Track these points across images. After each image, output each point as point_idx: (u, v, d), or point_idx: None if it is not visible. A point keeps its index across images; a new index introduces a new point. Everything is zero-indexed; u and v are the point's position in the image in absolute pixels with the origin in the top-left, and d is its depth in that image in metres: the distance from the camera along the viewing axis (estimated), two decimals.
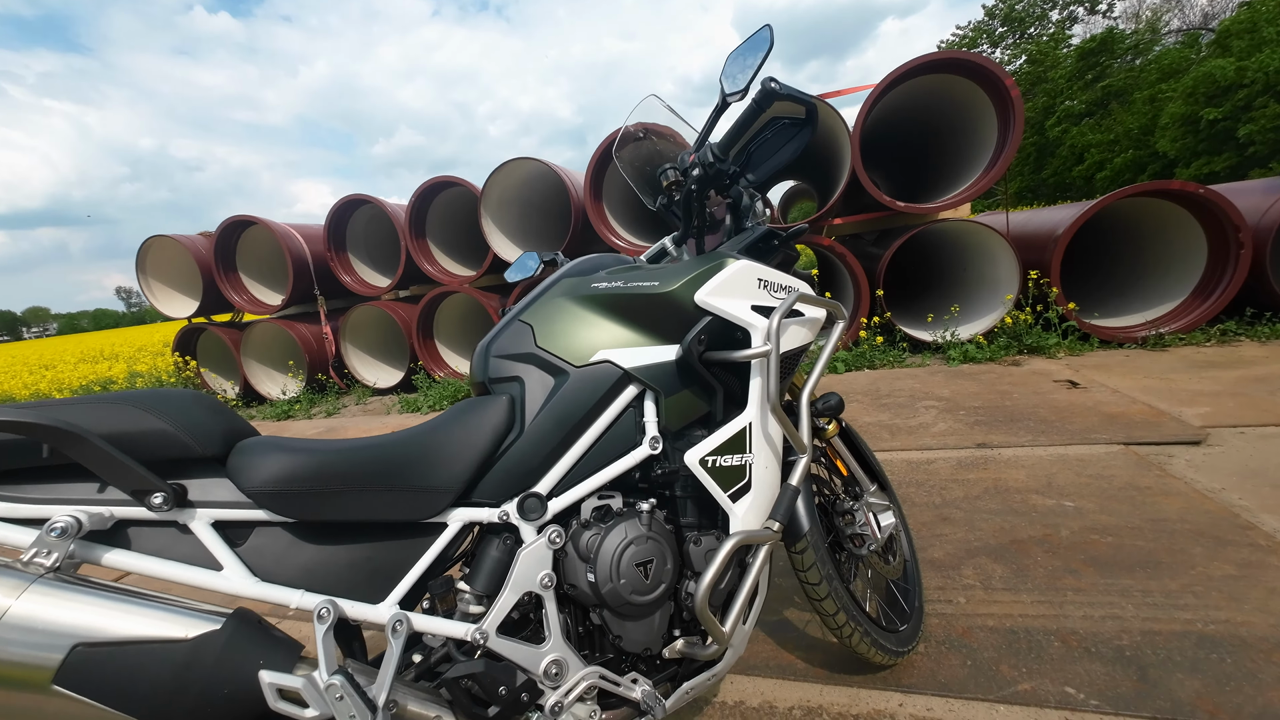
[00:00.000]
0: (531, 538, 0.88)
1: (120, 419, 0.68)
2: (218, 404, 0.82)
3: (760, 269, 1.01)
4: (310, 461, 0.76)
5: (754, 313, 0.96)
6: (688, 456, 0.90)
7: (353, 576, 0.78)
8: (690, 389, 0.96)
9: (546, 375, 0.92)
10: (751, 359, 0.92)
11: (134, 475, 0.67)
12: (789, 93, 0.95)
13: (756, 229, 1.13)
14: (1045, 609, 1.41)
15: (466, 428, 0.88)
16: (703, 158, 1.03)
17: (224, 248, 5.83)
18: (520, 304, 1.01)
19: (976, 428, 2.62)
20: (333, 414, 5.18)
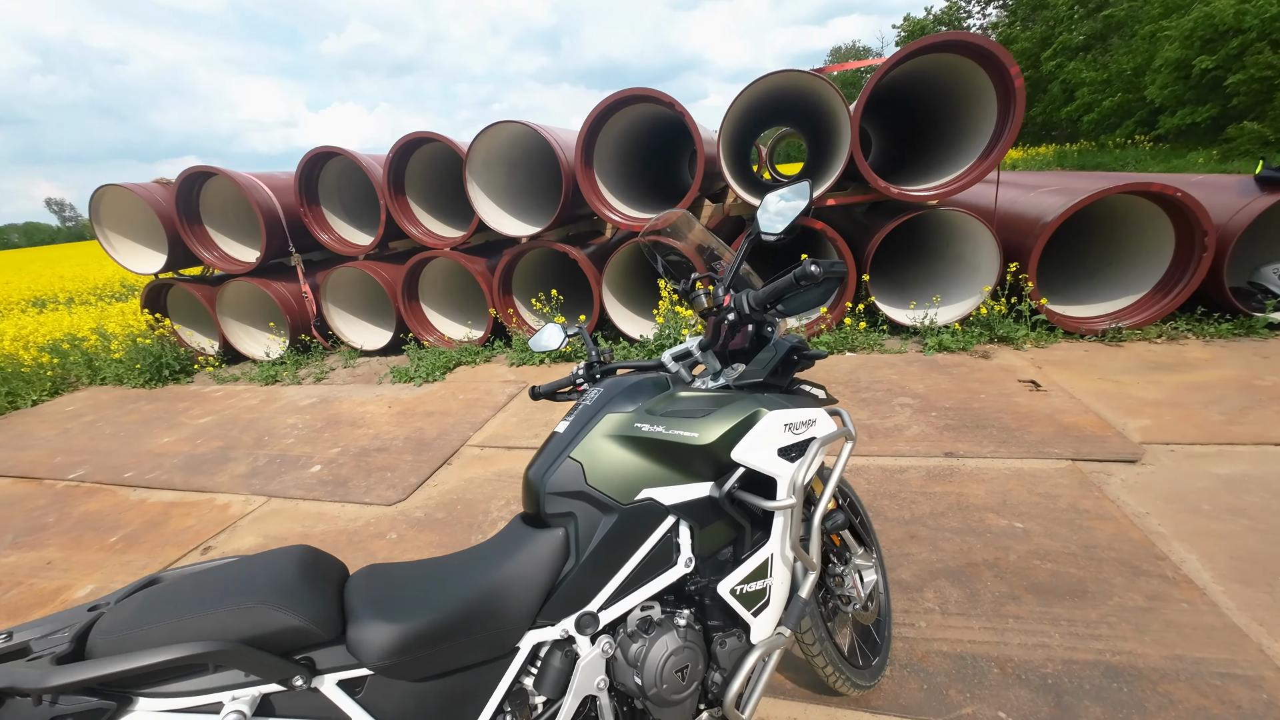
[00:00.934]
0: (588, 649, 1.06)
1: (262, 622, 0.80)
2: (323, 572, 0.94)
3: (787, 414, 1.13)
4: (412, 630, 0.89)
5: (780, 460, 1.10)
6: (720, 587, 1.08)
7: (452, 704, 0.95)
8: (720, 521, 1.11)
9: (597, 511, 1.06)
10: (777, 510, 1.07)
11: (280, 669, 0.80)
12: (827, 274, 1.03)
13: (780, 347, 1.24)
14: (990, 635, 1.70)
15: (531, 565, 1.02)
16: (739, 306, 1.12)
17: (186, 200, 5.49)
18: (569, 433, 1.11)
19: (946, 433, 2.87)
20: (321, 378, 5.19)
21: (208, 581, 0.88)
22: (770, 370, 1.20)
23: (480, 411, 3.95)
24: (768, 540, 1.12)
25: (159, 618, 0.78)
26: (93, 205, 5.59)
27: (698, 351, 1.32)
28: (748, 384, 1.20)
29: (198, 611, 0.79)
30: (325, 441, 3.78)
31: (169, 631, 0.76)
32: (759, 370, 1.20)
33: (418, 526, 2.68)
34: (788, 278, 1.05)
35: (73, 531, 3.03)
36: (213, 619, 0.78)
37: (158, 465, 3.73)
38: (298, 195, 5.40)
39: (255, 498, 3.16)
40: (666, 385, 1.19)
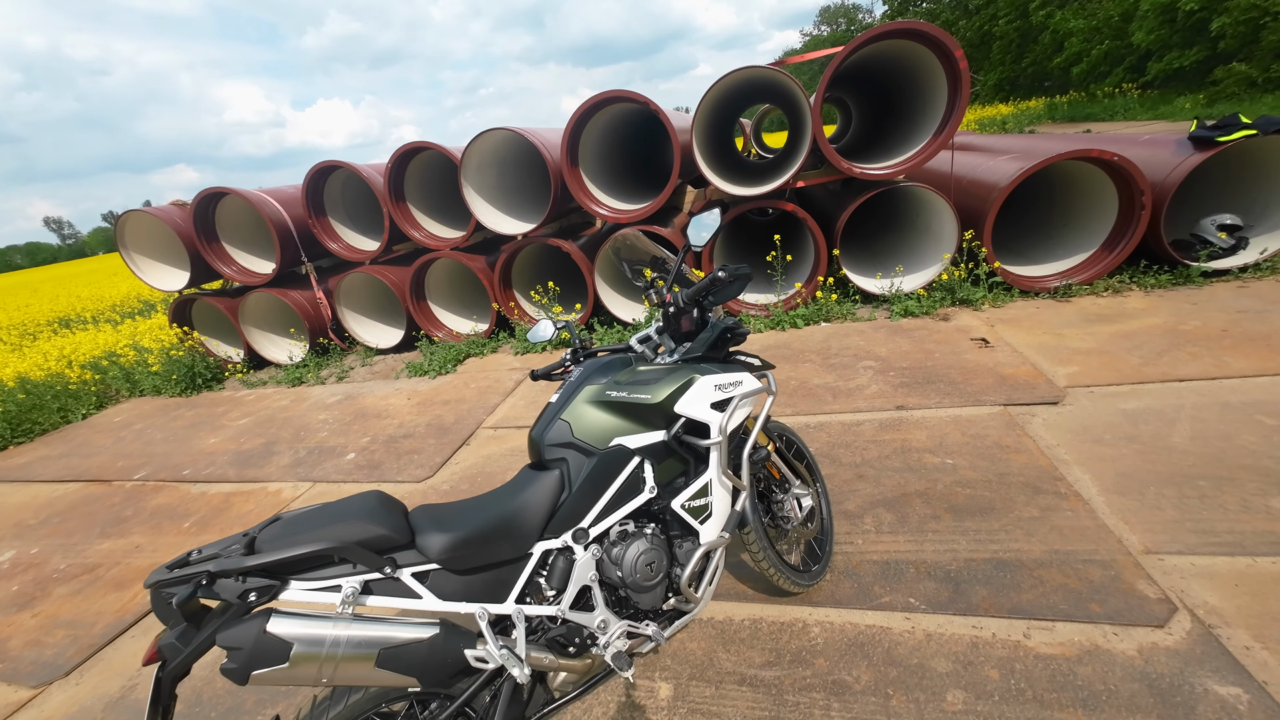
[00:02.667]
0: (582, 554, 1.49)
1: (365, 530, 1.23)
2: (393, 506, 1.37)
3: (716, 378, 1.54)
4: (460, 536, 1.32)
5: (712, 410, 1.51)
6: (674, 503, 1.50)
7: (488, 589, 1.38)
8: (673, 458, 1.53)
9: (582, 456, 1.48)
10: (709, 446, 1.49)
11: (376, 561, 1.23)
12: (733, 277, 1.42)
13: (715, 328, 1.65)
14: (911, 546, 2.12)
15: (537, 496, 1.44)
16: (676, 300, 1.52)
17: (203, 219, 5.88)
18: (559, 402, 1.52)
19: (900, 390, 3.27)
20: (343, 377, 5.64)
21: (321, 513, 1.30)
22: (708, 346, 1.60)
23: (491, 397, 4.38)
24: (707, 469, 1.53)
25: (298, 531, 1.21)
26: (118, 231, 6.00)
27: (657, 336, 1.72)
28: (692, 358, 1.61)
29: (324, 526, 1.22)
30: (356, 432, 4.23)
31: (310, 538, 1.19)
32: (699, 347, 1.60)
33: (446, 496, 3.13)
34: (704, 281, 1.44)
35: (150, 521, 3.52)
36: (334, 530, 1.21)
37: (211, 463, 4.20)
38: (305, 208, 5.77)
39: (302, 483, 3.62)
40: (630, 362, 1.59)
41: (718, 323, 1.67)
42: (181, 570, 1.12)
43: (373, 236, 6.27)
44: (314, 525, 1.24)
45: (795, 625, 1.89)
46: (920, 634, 1.78)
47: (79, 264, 62.89)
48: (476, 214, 5.18)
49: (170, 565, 1.17)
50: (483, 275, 5.44)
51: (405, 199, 5.60)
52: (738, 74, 4.29)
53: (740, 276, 1.44)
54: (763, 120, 14.90)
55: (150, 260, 6.34)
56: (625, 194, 5.64)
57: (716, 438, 1.49)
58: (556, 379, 1.87)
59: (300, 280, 6.21)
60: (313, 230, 5.87)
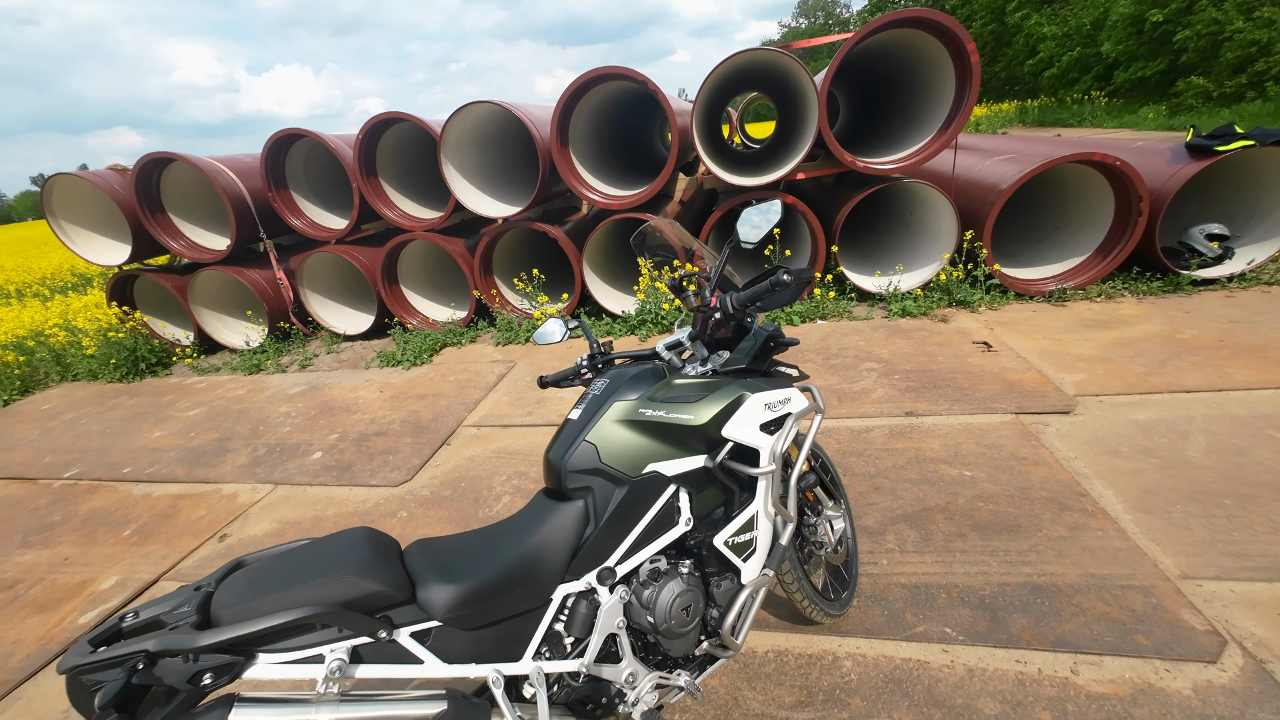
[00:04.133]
0: (608, 597, 1.28)
1: (352, 588, 0.99)
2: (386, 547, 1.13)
3: (766, 396, 1.35)
4: (470, 589, 1.09)
5: (762, 434, 1.32)
6: (715, 540, 1.31)
7: (501, 646, 1.17)
8: (714, 486, 1.33)
9: (610, 485, 1.27)
10: (760, 475, 1.30)
11: (368, 625, 1.00)
12: (797, 280, 1.22)
13: (759, 336, 1.45)
14: (939, 567, 2.00)
15: (558, 532, 1.23)
16: (724, 306, 1.31)
17: (146, 188, 5.32)
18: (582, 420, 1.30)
19: (907, 394, 3.17)
20: (306, 365, 5.23)
21: (296, 561, 1.06)
22: (751, 357, 1.40)
23: (472, 392, 4.10)
24: (753, 500, 1.34)
25: (267, 590, 0.96)
26: (45, 196, 5.37)
27: (688, 342, 1.52)
28: (732, 370, 1.41)
29: (300, 584, 0.97)
30: (322, 428, 3.89)
31: (281, 600, 0.94)
32: (741, 358, 1.40)
33: (426, 504, 2.87)
34: (764, 284, 1.24)
35: (83, 528, 3.12)
36: (313, 589, 0.97)
37: (155, 460, 3.79)
38: (265, 180, 5.29)
39: (262, 485, 3.29)
40: (663, 374, 1.38)
41: (760, 330, 1.47)
42: (110, 651, 0.86)
43: (340, 214, 5.82)
44: (287, 578, 1.00)
45: (825, 658, 1.74)
46: (961, 669, 1.65)
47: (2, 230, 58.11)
48: (456, 193, 4.83)
49: (94, 638, 0.91)
50: (461, 260, 5.10)
51: (377, 174, 5.19)
52: (744, 55, 4.07)
53: (803, 280, 1.25)
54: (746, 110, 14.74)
55: (84, 231, 5.72)
56: (615, 179, 5.38)
57: (768, 465, 1.30)
58: (570, 386, 1.65)
59: (258, 259, 5.71)
60: (272, 205, 5.39)
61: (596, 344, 1.64)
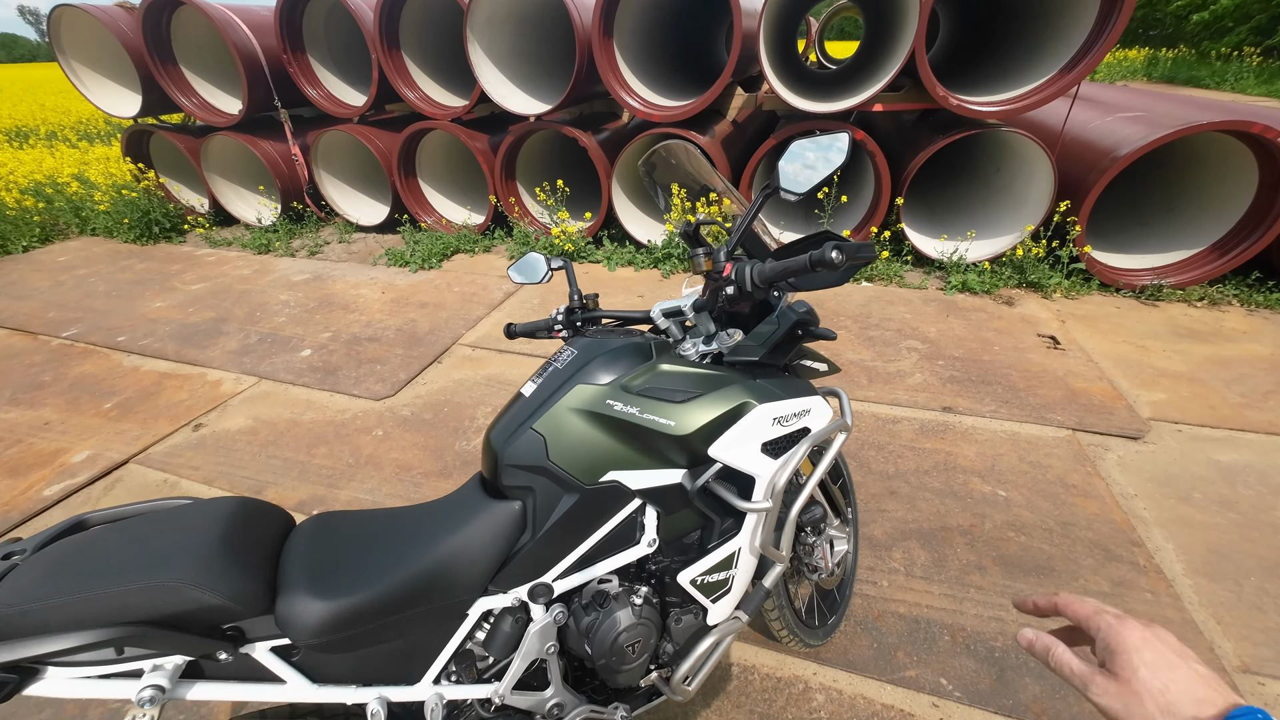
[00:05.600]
0: (540, 615, 1.05)
1: (178, 600, 0.75)
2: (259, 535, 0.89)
3: (779, 407, 1.02)
4: (348, 608, 0.85)
5: (762, 457, 1.00)
6: (681, 577, 1.04)
7: (394, 666, 0.95)
8: (687, 510, 1.04)
9: (557, 488, 0.99)
10: (750, 511, 0.99)
11: (198, 645, 0.77)
12: (852, 260, 0.84)
13: (784, 320, 1.10)
14: (948, 602, 1.74)
15: (484, 536, 0.97)
16: (740, 279, 0.95)
17: (154, 33, 4.88)
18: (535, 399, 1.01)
19: (949, 385, 2.77)
20: (315, 253, 5.01)
21: (129, 543, 0.82)
22: (770, 347, 1.06)
23: (475, 308, 3.83)
24: (737, 534, 1.06)
25: (68, 590, 0.73)
26: (52, 31, 4.99)
27: (691, 313, 1.17)
28: (741, 360, 1.07)
29: (108, 587, 0.74)
30: (317, 324, 3.71)
31: (75, 612, 0.71)
32: (756, 346, 1.06)
33: (404, 426, 2.70)
34: (802, 260, 0.86)
35: (69, 393, 3.08)
36: (123, 598, 0.73)
37: (151, 331, 3.71)
38: (279, 39, 4.78)
39: (246, 377, 3.16)
40: (649, 353, 1.05)
41: (787, 311, 1.11)
42: None
43: (359, 89, 5.33)
44: (101, 572, 0.76)
45: (795, 685, 1.54)
46: None
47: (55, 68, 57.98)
48: (482, 82, 4.28)
49: None
50: (483, 159, 4.64)
51: (400, 47, 4.63)
52: None
53: (860, 261, 0.87)
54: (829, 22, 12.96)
55: (96, 75, 5.38)
56: (664, 85, 4.71)
57: (763, 502, 0.99)
58: (543, 337, 1.35)
59: (275, 130, 5.33)
60: (288, 69, 4.93)
61: (579, 294, 1.30)
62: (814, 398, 1.11)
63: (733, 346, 1.09)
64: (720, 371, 1.05)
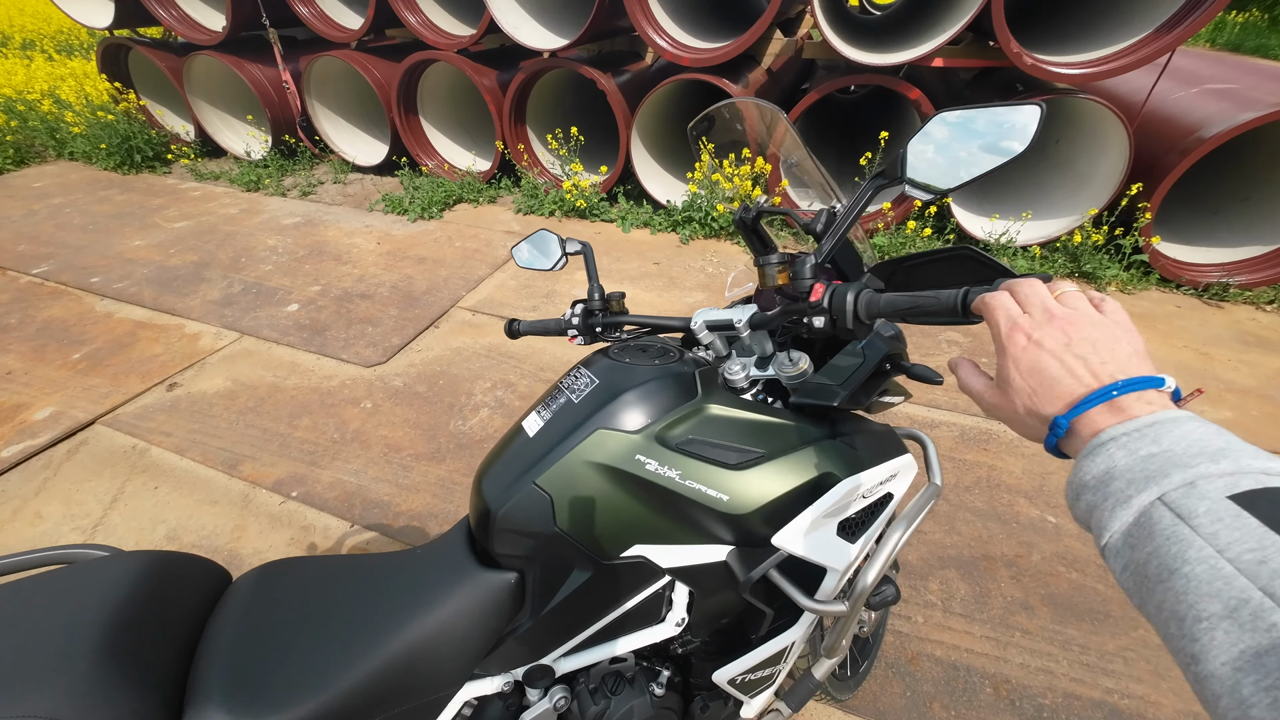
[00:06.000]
0: (537, 700, 0.85)
1: None
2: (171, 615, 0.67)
3: (868, 476, 0.78)
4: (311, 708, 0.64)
5: (839, 542, 0.77)
6: (717, 676, 0.83)
7: None
8: (730, 593, 0.82)
9: (566, 562, 0.76)
10: (822, 615, 0.77)
11: None
12: None
13: (872, 354, 0.84)
14: (991, 647, 1.56)
15: (470, 613, 0.75)
16: (839, 309, 0.68)
17: None
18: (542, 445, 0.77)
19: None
20: (308, 193, 4.66)
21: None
22: (854, 388, 0.81)
23: (477, 266, 3.53)
24: (790, 628, 0.84)
25: None
26: None
27: (745, 331, 0.90)
28: (811, 405, 0.82)
29: None
30: (306, 275, 3.44)
31: None
32: (835, 388, 0.80)
33: (395, 398, 2.48)
34: (948, 301, 0.59)
35: (35, 339, 2.85)
36: None
37: (127, 274, 3.44)
38: None
39: (227, 332, 2.92)
40: (693, 388, 0.80)
41: (876, 343, 0.85)
42: None
43: (356, 9, 4.81)
44: None
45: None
46: None
47: None
48: (492, 9, 3.80)
49: None
50: (490, 98, 4.21)
51: None
52: None
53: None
54: None
55: None
56: (696, 24, 4.21)
57: (836, 605, 0.76)
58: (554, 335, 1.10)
59: (263, 51, 4.85)
60: None
61: (600, 291, 1.04)
62: (905, 457, 0.87)
63: (800, 384, 0.84)
64: (787, 420, 0.80)
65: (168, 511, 1.97)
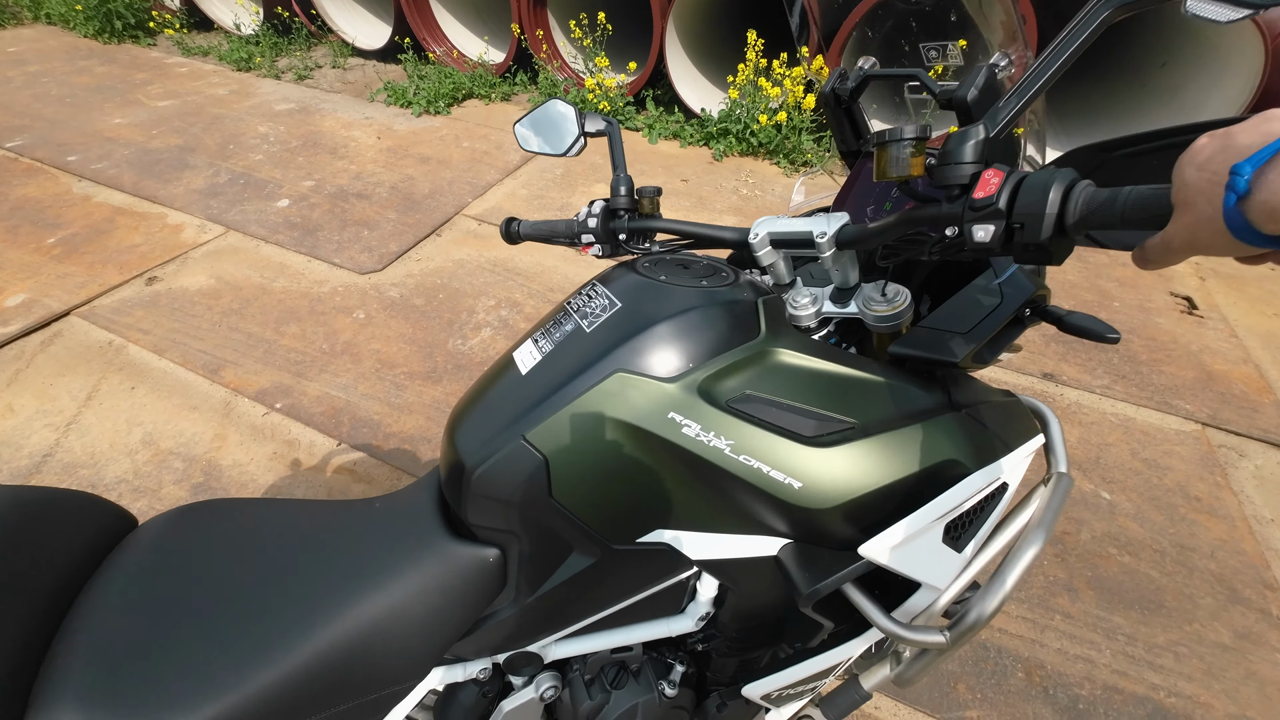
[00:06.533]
0: (519, 687, 0.70)
1: None
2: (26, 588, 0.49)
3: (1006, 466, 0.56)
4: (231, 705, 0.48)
5: (945, 551, 0.56)
6: (749, 690, 0.66)
7: None
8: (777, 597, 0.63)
9: (562, 543, 0.57)
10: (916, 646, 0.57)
11: None
12: None
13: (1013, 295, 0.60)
14: (1027, 629, 1.42)
15: (438, 592, 0.58)
16: (1031, 212, 0.42)
17: None
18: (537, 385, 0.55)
19: (1054, 345, 2.25)
20: (304, 77, 4.22)
21: None
22: (985, 339, 0.57)
23: (485, 171, 3.20)
24: (850, 641, 0.66)
25: None
26: None
27: (829, 250, 0.64)
28: (920, 357, 0.59)
29: None
30: (299, 169, 3.13)
31: None
32: (956, 339, 0.57)
33: (390, 310, 2.27)
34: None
35: (9, 219, 2.63)
36: None
37: (107, 154, 3.15)
38: None
39: (212, 225, 2.68)
40: (754, 322, 0.57)
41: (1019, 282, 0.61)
42: None
43: None
44: None
45: None
46: None
47: None
48: None
49: None
50: None
51: None
52: None
53: None
54: None
55: None
56: None
57: (929, 633, 0.56)
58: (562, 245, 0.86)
59: None
60: None
61: (627, 183, 0.78)
62: (1039, 438, 0.65)
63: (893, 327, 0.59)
64: (892, 380, 0.57)
65: (144, 414, 1.83)
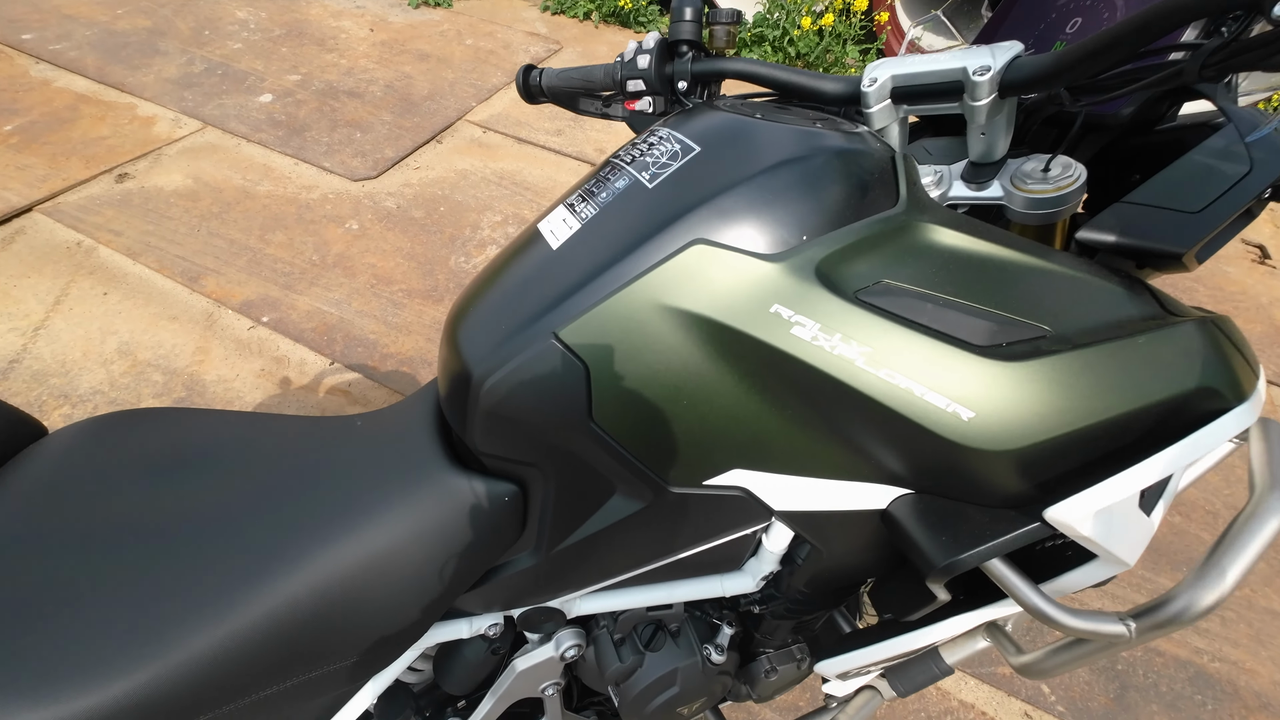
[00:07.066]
0: (535, 646, 0.59)
1: None
2: None
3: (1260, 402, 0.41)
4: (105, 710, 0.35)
5: (1138, 516, 0.41)
6: (823, 668, 0.53)
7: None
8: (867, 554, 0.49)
9: (602, 481, 0.43)
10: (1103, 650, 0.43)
11: None
12: None
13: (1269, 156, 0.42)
14: None
15: (428, 544, 0.44)
16: None
17: None
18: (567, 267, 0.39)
19: None
20: None
21: None
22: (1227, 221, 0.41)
23: (490, 72, 2.87)
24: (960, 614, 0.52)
25: None
26: None
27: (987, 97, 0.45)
28: (1126, 246, 0.42)
29: None
30: (282, 60, 2.81)
31: None
32: (1196, 223, 0.40)
33: (387, 221, 2.06)
34: None
35: None
36: None
37: (66, 33, 2.81)
38: None
39: (187, 119, 2.41)
40: (892, 184, 0.40)
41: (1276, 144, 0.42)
42: None
43: None
44: None
45: None
46: None
47: None
48: None
49: None
50: None
51: None
52: None
53: None
54: None
55: None
56: None
57: (1111, 624, 0.42)
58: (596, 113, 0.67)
59: None
60: None
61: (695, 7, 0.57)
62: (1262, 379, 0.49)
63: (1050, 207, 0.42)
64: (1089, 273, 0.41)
65: (119, 322, 1.68)
